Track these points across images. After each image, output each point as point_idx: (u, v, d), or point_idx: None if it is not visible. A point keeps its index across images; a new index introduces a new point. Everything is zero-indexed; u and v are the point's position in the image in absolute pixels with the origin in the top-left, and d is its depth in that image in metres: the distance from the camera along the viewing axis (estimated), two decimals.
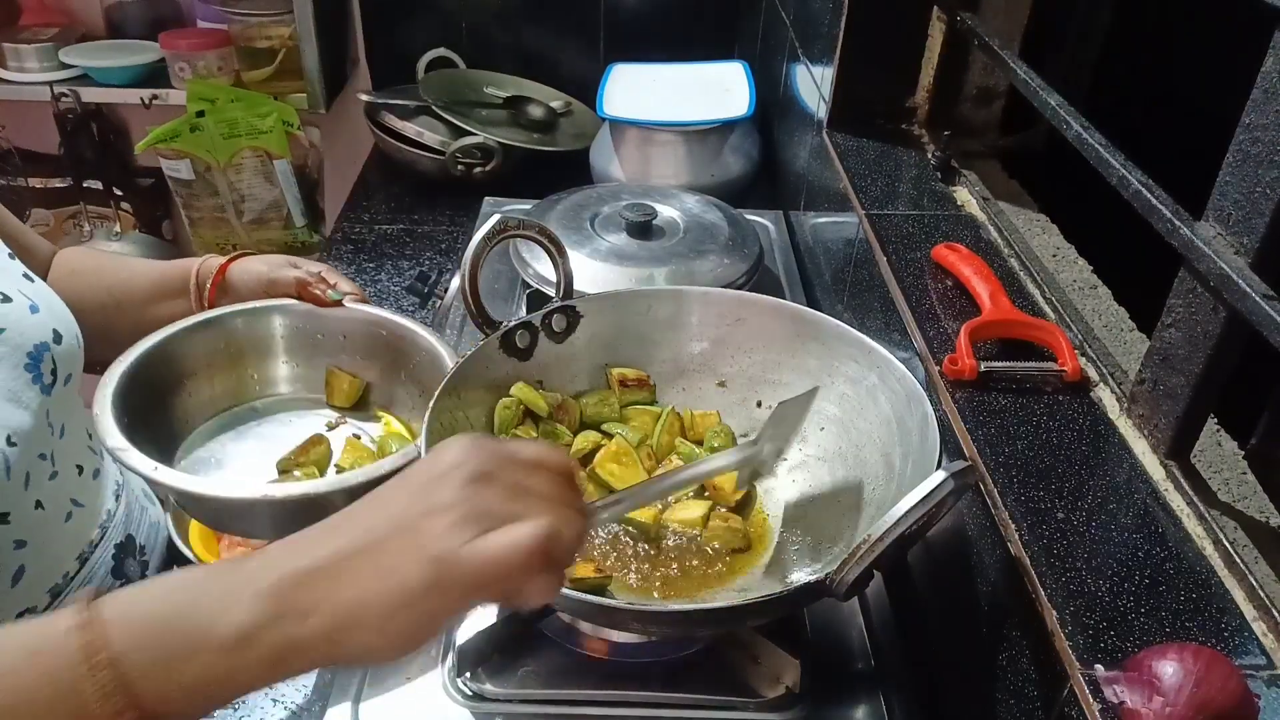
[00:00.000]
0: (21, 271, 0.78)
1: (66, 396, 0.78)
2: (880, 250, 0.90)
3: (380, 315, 0.90)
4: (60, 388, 0.76)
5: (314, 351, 0.91)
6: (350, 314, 0.90)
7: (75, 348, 0.79)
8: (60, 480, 0.76)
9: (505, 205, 1.34)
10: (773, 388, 0.84)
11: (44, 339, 0.75)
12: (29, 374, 0.72)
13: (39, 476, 0.73)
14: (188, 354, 0.85)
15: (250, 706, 0.80)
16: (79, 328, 0.81)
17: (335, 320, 0.90)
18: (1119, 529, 0.59)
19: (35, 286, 0.78)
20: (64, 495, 0.77)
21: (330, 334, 0.91)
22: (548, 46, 1.81)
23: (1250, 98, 0.55)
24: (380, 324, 0.89)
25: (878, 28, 1.08)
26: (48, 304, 0.77)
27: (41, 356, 0.74)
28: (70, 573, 0.78)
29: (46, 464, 0.75)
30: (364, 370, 0.91)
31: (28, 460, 0.72)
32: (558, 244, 0.82)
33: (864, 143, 1.11)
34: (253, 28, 1.81)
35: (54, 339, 0.76)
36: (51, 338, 0.76)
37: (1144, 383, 0.66)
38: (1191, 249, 0.59)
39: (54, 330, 0.76)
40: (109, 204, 2.02)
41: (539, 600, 0.47)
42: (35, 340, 0.74)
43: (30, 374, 0.73)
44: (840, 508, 0.75)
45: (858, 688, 0.72)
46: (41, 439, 0.74)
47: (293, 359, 0.91)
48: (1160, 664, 0.48)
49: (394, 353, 0.89)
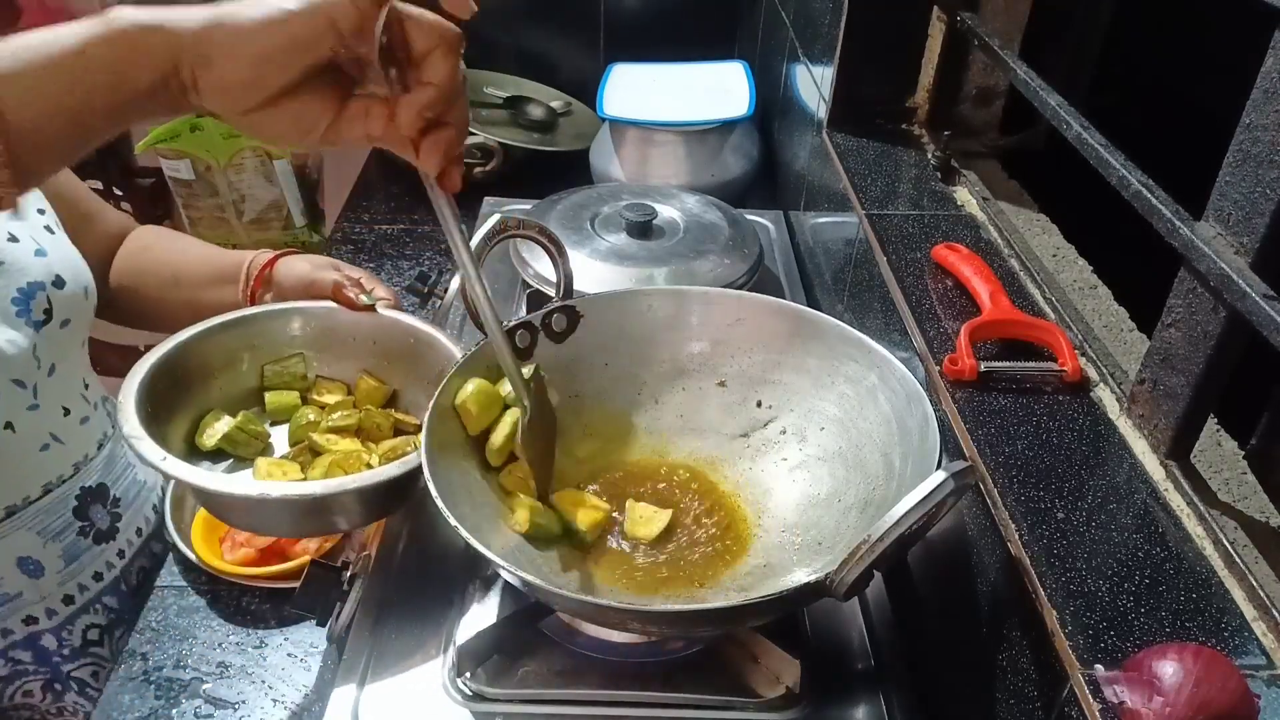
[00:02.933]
0: (44, 224, 0.86)
1: (61, 339, 0.85)
2: (880, 250, 0.90)
3: (411, 323, 0.90)
4: (54, 329, 0.84)
5: (343, 354, 0.92)
6: (381, 320, 0.90)
7: (81, 297, 0.86)
8: (41, 414, 0.85)
9: (505, 205, 1.34)
10: (773, 388, 0.84)
11: (41, 280, 0.82)
12: (15, 307, 0.80)
13: (13, 400, 0.81)
14: (215, 351, 0.87)
15: (250, 706, 0.80)
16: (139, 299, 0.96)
17: (367, 326, 0.91)
18: (1119, 529, 0.59)
19: (54, 238, 0.86)
20: (42, 428, 0.85)
21: (361, 338, 0.91)
22: (548, 46, 1.81)
23: (1250, 98, 0.55)
24: (410, 332, 0.90)
25: (878, 28, 1.08)
26: (60, 253, 0.85)
27: (34, 294, 0.82)
28: (31, 497, 0.86)
29: (25, 393, 0.82)
30: (392, 376, 0.91)
31: (1, 381, 0.79)
32: (558, 244, 0.82)
33: (864, 143, 1.11)
34: None
35: (54, 282, 0.83)
36: (51, 280, 0.83)
37: (1144, 383, 0.66)
38: (1191, 249, 0.59)
39: (56, 275, 0.84)
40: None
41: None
42: (30, 279, 0.81)
43: (16, 308, 0.80)
44: (840, 508, 0.75)
45: (858, 688, 0.71)
46: (20, 368, 0.81)
47: (322, 361, 0.92)
48: (1160, 664, 0.48)
49: (421, 361, 0.89)
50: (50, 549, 0.88)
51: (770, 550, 0.76)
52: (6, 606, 0.87)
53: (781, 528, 0.78)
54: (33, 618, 0.89)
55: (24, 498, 0.85)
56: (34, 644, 0.90)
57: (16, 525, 0.85)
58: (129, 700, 0.80)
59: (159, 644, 0.85)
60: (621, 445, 0.85)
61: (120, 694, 0.81)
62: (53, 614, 0.90)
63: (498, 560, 0.61)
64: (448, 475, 0.69)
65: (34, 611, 0.89)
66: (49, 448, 0.86)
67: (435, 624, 0.74)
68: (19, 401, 0.82)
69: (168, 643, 0.85)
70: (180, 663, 0.84)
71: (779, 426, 0.83)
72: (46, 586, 0.89)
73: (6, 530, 0.84)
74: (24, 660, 0.90)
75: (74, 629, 0.92)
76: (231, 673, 0.83)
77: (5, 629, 0.88)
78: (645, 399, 0.87)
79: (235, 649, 0.85)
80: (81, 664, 0.94)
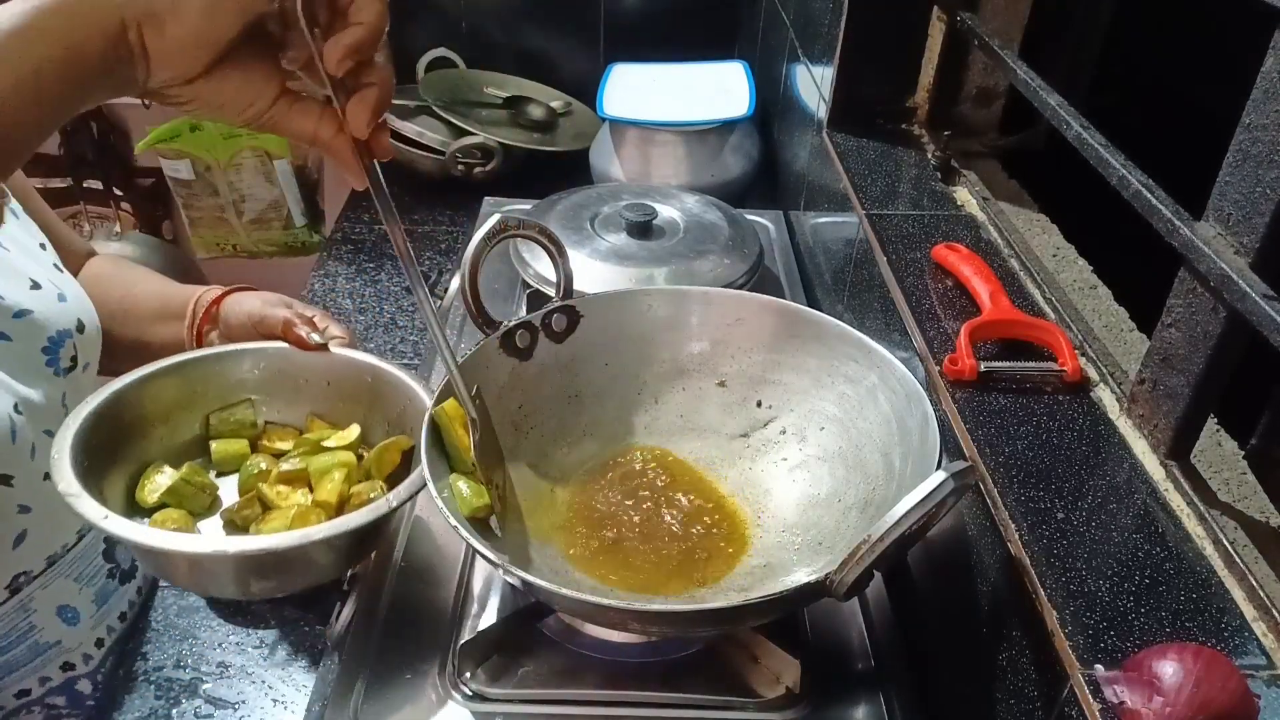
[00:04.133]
0: (52, 262, 0.84)
1: (83, 383, 0.83)
2: (880, 250, 0.90)
3: (369, 361, 0.85)
4: (79, 374, 0.82)
5: (295, 397, 0.87)
6: (334, 359, 0.86)
7: (96, 338, 0.85)
8: None
9: (505, 205, 1.34)
10: (773, 388, 0.84)
11: (67, 327, 0.81)
12: (45, 356, 0.78)
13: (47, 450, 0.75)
14: (154, 399, 0.81)
15: (250, 706, 0.80)
16: None
17: (321, 366, 0.86)
18: (1119, 529, 0.59)
19: (64, 277, 0.84)
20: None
21: (315, 379, 0.86)
22: (548, 46, 1.81)
23: (1250, 98, 0.55)
24: (368, 370, 0.85)
25: (878, 28, 1.08)
26: (75, 295, 0.83)
27: (62, 343, 0.80)
28: (69, 544, 0.84)
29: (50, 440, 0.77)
30: (347, 417, 0.86)
31: (35, 433, 0.77)
32: (558, 244, 0.82)
33: (864, 143, 1.11)
34: None
35: (77, 327, 0.82)
36: (75, 326, 0.81)
37: (1144, 383, 0.66)
38: (1191, 249, 0.59)
39: (78, 319, 0.82)
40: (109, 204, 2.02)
41: None
42: (59, 327, 0.80)
43: (46, 356, 0.78)
44: (840, 508, 0.75)
45: (858, 688, 0.72)
46: (52, 417, 0.78)
47: (271, 407, 0.87)
48: (1160, 664, 0.48)
49: (381, 400, 0.85)
50: (84, 594, 0.86)
51: (770, 550, 0.76)
52: (46, 655, 0.85)
53: (781, 528, 0.78)
54: (70, 664, 0.87)
55: (63, 545, 0.83)
56: (69, 689, 0.88)
57: (57, 574, 0.83)
58: (129, 700, 0.80)
59: (159, 644, 0.85)
60: (621, 445, 0.85)
61: (120, 694, 0.81)
62: (89, 659, 0.88)
63: (498, 560, 0.61)
64: (448, 475, 0.69)
65: (71, 658, 0.87)
66: None
67: (435, 624, 0.74)
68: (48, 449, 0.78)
69: (168, 643, 0.85)
70: (180, 663, 0.84)
71: (779, 426, 0.83)
72: (81, 634, 0.87)
73: (49, 580, 0.82)
74: (58, 705, 0.88)
75: (107, 670, 0.90)
76: (231, 673, 0.83)
77: (44, 677, 0.86)
78: (645, 399, 0.87)
79: (235, 649, 0.85)
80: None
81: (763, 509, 0.80)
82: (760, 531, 0.78)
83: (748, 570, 0.74)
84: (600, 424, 0.85)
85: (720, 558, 0.75)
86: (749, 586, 0.72)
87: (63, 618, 0.85)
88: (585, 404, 0.85)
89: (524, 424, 0.82)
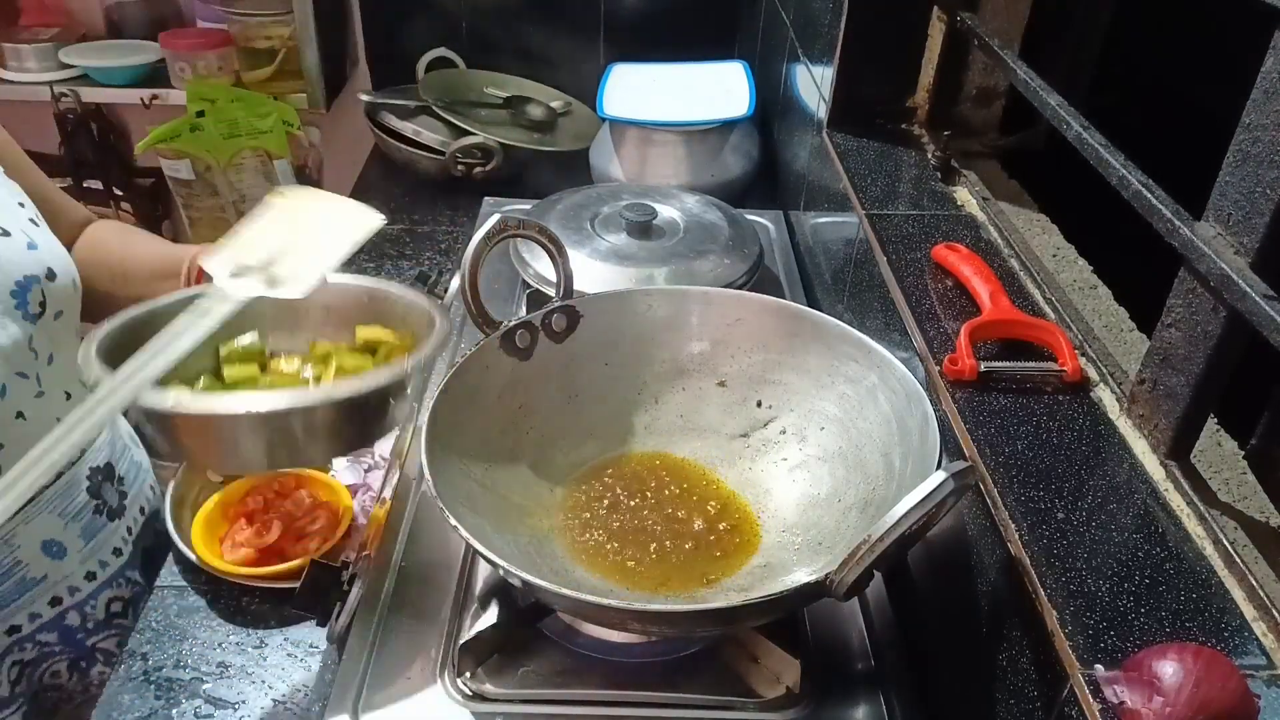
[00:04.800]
0: (29, 216, 0.88)
1: (56, 330, 0.87)
2: (880, 250, 0.90)
3: (360, 284, 0.88)
4: (49, 321, 0.85)
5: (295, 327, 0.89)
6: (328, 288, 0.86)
7: (71, 289, 0.88)
8: (46, 400, 0.86)
9: (505, 205, 1.34)
10: (773, 388, 0.84)
11: (35, 273, 0.84)
12: (13, 300, 0.82)
13: (20, 391, 0.83)
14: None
15: (250, 706, 0.80)
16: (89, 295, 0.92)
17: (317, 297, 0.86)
18: (1119, 529, 0.59)
19: (40, 230, 0.87)
20: (50, 414, 0.86)
21: (313, 308, 0.88)
22: (548, 46, 1.81)
23: (1250, 98, 0.55)
24: (361, 292, 0.87)
25: (878, 28, 1.08)
26: (48, 246, 0.86)
27: (30, 287, 0.83)
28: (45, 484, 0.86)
29: (30, 383, 0.84)
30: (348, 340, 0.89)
31: (6, 374, 0.81)
32: (558, 244, 0.82)
33: (864, 143, 1.11)
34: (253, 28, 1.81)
35: (47, 275, 0.85)
36: (44, 274, 0.84)
37: (1144, 383, 0.66)
38: (1191, 249, 0.59)
39: (49, 268, 0.85)
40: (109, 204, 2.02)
41: None
42: (25, 272, 0.83)
43: (15, 300, 0.82)
44: (840, 508, 0.75)
45: (858, 688, 0.71)
46: (22, 360, 0.83)
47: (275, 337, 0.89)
48: (1160, 664, 0.48)
49: (377, 316, 0.87)
50: (71, 529, 0.90)
51: (770, 550, 0.76)
52: (34, 591, 0.89)
53: (781, 528, 0.78)
54: (58, 598, 0.91)
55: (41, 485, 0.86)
56: (60, 624, 0.92)
57: (39, 509, 0.87)
58: (129, 700, 0.80)
59: (159, 644, 0.85)
60: (621, 445, 0.85)
61: (120, 694, 0.81)
62: (75, 591, 0.92)
63: (498, 560, 0.61)
64: (448, 476, 0.69)
65: (58, 592, 0.91)
66: None
67: (435, 624, 0.74)
68: (26, 391, 0.84)
69: (168, 643, 0.85)
70: (180, 663, 0.84)
71: (779, 426, 0.83)
72: (69, 567, 0.91)
73: (30, 515, 0.86)
74: (50, 642, 0.92)
75: (97, 603, 0.95)
76: (231, 673, 0.83)
77: (33, 613, 0.90)
78: (645, 399, 0.87)
79: (235, 649, 0.85)
80: (106, 635, 0.97)
81: (763, 509, 0.80)
82: (760, 531, 0.78)
83: (748, 570, 0.74)
84: (600, 424, 0.85)
85: (722, 558, 0.75)
86: (749, 586, 0.72)
87: (48, 553, 0.88)
88: (585, 404, 0.85)
89: (524, 424, 0.82)
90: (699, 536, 0.77)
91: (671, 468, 0.83)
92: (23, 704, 0.90)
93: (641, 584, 0.73)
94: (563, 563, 0.74)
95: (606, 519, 0.78)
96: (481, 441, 0.77)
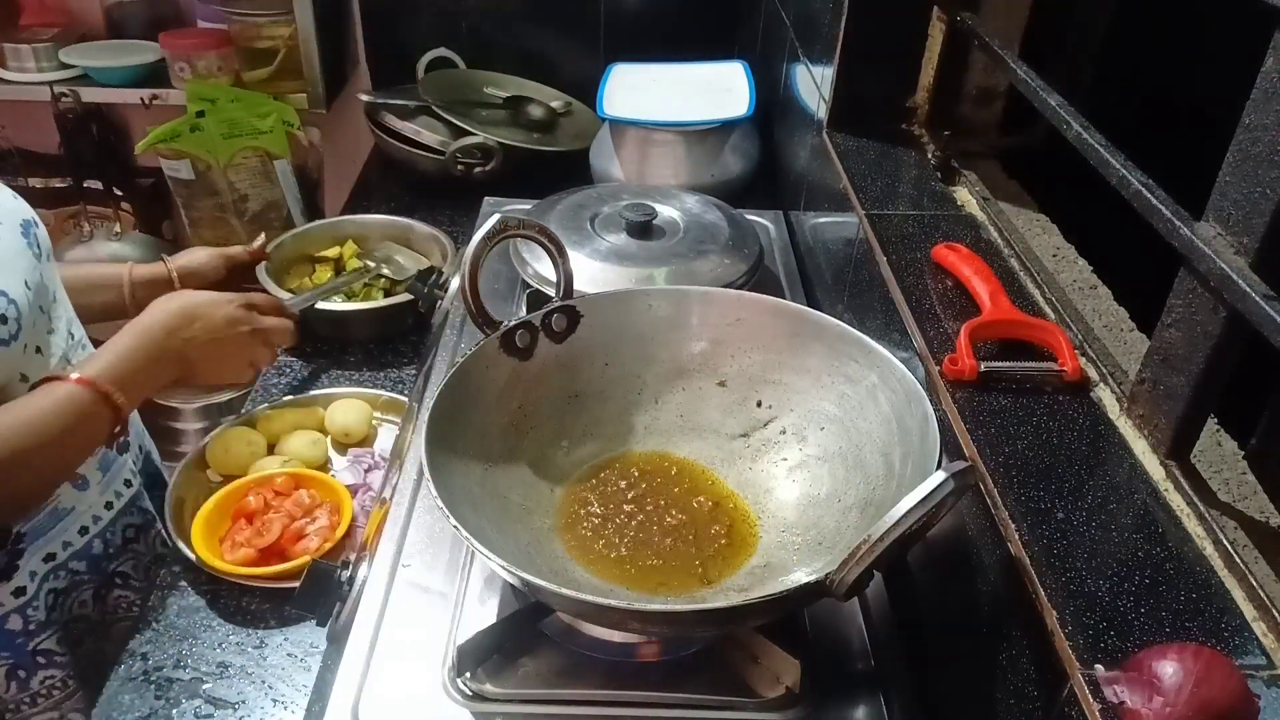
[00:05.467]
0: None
1: (50, 271, 0.94)
2: (880, 250, 0.90)
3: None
4: (45, 261, 0.93)
5: None
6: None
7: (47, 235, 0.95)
8: (57, 337, 0.93)
9: (505, 205, 1.34)
10: (773, 387, 0.84)
11: (28, 217, 0.92)
12: (24, 239, 0.89)
13: (39, 326, 0.90)
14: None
15: (250, 706, 0.80)
16: None
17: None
18: (1119, 529, 0.59)
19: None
20: (59, 350, 0.93)
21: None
22: (548, 46, 1.81)
23: (1250, 98, 0.55)
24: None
25: (878, 28, 1.08)
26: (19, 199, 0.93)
27: (30, 229, 0.91)
28: None
29: (44, 318, 0.91)
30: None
31: (32, 309, 0.87)
32: (558, 244, 0.82)
33: (864, 143, 1.11)
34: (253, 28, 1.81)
35: (34, 220, 0.93)
36: (33, 220, 0.93)
37: (1144, 383, 0.66)
38: (1191, 249, 0.59)
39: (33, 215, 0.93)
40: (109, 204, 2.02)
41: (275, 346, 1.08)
42: (23, 216, 0.91)
43: (25, 239, 0.89)
44: (840, 508, 0.75)
45: (858, 688, 0.71)
46: (41, 295, 0.90)
47: None
48: (1160, 664, 0.48)
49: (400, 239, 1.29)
50: (90, 464, 0.97)
51: (770, 550, 0.76)
52: (65, 520, 0.94)
53: (781, 528, 0.78)
54: (85, 528, 0.98)
55: None
56: (88, 552, 0.98)
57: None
58: (129, 700, 0.80)
59: (159, 644, 0.85)
60: (621, 445, 0.85)
61: (120, 694, 0.81)
62: (98, 520, 0.99)
63: (498, 560, 0.61)
64: (448, 476, 0.69)
65: (84, 521, 0.97)
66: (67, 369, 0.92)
67: (435, 624, 0.74)
68: (41, 327, 0.90)
69: (168, 643, 0.85)
70: (180, 663, 0.84)
71: (779, 426, 0.83)
72: (91, 497, 0.97)
73: None
74: (80, 570, 0.97)
75: (115, 530, 1.02)
76: (231, 673, 0.83)
77: (66, 541, 0.95)
78: (645, 399, 0.87)
79: (235, 649, 0.85)
80: (124, 560, 1.03)
81: (763, 509, 0.80)
82: (760, 531, 0.78)
83: (748, 570, 0.74)
84: (600, 424, 0.85)
85: (722, 558, 0.75)
86: (749, 586, 0.72)
87: (74, 485, 0.96)
88: (585, 404, 0.85)
89: (524, 424, 0.82)
90: (699, 536, 0.77)
91: (671, 468, 0.83)
92: (57, 630, 0.95)
93: (641, 584, 0.73)
94: (563, 563, 0.74)
95: (606, 519, 0.78)
96: (481, 441, 0.77)
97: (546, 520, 0.78)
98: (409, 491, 0.84)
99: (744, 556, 0.76)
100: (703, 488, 0.82)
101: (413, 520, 0.84)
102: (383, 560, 0.79)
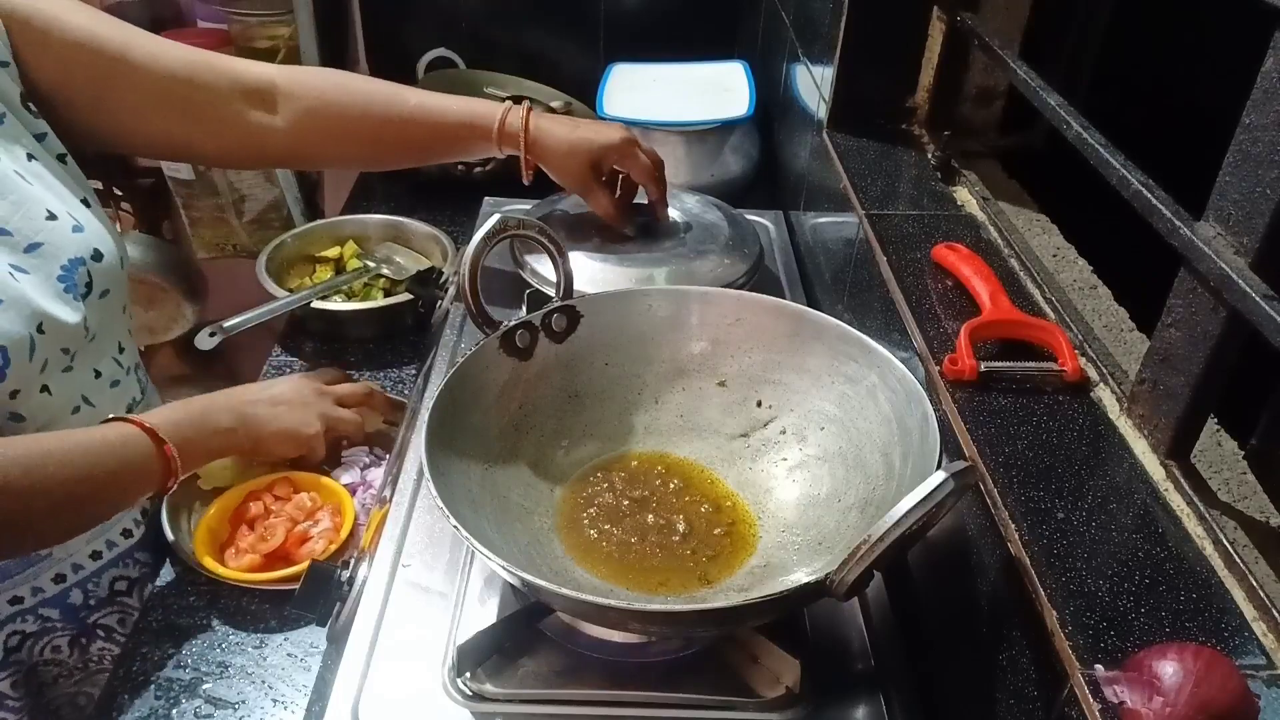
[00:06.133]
0: (81, 198, 0.91)
1: (101, 309, 0.90)
2: (880, 250, 0.90)
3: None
4: (95, 300, 0.89)
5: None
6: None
7: (117, 268, 0.92)
8: (74, 375, 0.89)
9: (505, 205, 1.34)
10: (773, 387, 0.84)
11: (80, 255, 0.87)
12: (61, 284, 0.85)
13: (53, 366, 0.85)
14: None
15: (250, 706, 0.80)
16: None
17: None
18: (1119, 529, 0.59)
19: (88, 213, 0.91)
20: (75, 390, 0.89)
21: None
22: (548, 46, 1.81)
23: (1250, 98, 0.55)
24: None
25: (878, 28, 1.08)
26: (94, 228, 0.90)
27: (75, 270, 0.87)
28: None
29: (64, 357, 0.86)
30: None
31: (51, 350, 0.84)
32: (558, 244, 0.82)
33: (864, 143, 1.11)
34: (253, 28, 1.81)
35: (93, 256, 0.88)
36: (90, 255, 0.88)
37: (1144, 383, 0.66)
38: (1191, 249, 0.59)
39: (94, 249, 0.89)
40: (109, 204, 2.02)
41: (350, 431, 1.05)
42: (70, 255, 0.86)
43: (63, 284, 0.85)
44: (840, 508, 0.75)
45: (858, 688, 0.71)
46: (71, 337, 0.86)
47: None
48: (1160, 664, 0.48)
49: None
50: None
51: (770, 550, 0.76)
52: (36, 566, 0.90)
53: (781, 528, 0.78)
54: (61, 575, 0.92)
55: None
56: (62, 601, 0.93)
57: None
58: (129, 700, 0.80)
59: (159, 644, 0.85)
60: (621, 445, 0.85)
61: (120, 694, 0.81)
62: (79, 569, 0.93)
63: (498, 560, 0.61)
64: (448, 476, 0.69)
65: (62, 569, 0.92)
66: (79, 410, 0.89)
67: (435, 624, 0.74)
68: (57, 365, 0.86)
69: (168, 643, 0.85)
70: (180, 663, 0.84)
71: (779, 426, 0.83)
72: (73, 546, 0.92)
73: None
74: (52, 617, 0.93)
75: (101, 581, 0.96)
76: (231, 673, 0.83)
77: (36, 587, 0.91)
78: (645, 399, 0.87)
79: (235, 649, 0.85)
80: (108, 612, 0.98)
81: (763, 509, 0.80)
82: (760, 531, 0.78)
83: (748, 570, 0.74)
84: (600, 424, 0.85)
85: (722, 558, 0.75)
86: (749, 586, 0.72)
87: None
88: (585, 404, 0.85)
89: (524, 424, 0.82)
90: (699, 536, 0.77)
91: (671, 468, 0.83)
92: (15, 671, 0.92)
93: (641, 584, 0.73)
94: (563, 563, 0.74)
95: (606, 519, 0.78)
96: (481, 441, 0.77)
97: (546, 520, 0.78)
98: (409, 491, 0.84)
99: (744, 556, 0.76)
100: (703, 488, 0.82)
101: (413, 520, 0.84)
102: (383, 560, 0.79)
